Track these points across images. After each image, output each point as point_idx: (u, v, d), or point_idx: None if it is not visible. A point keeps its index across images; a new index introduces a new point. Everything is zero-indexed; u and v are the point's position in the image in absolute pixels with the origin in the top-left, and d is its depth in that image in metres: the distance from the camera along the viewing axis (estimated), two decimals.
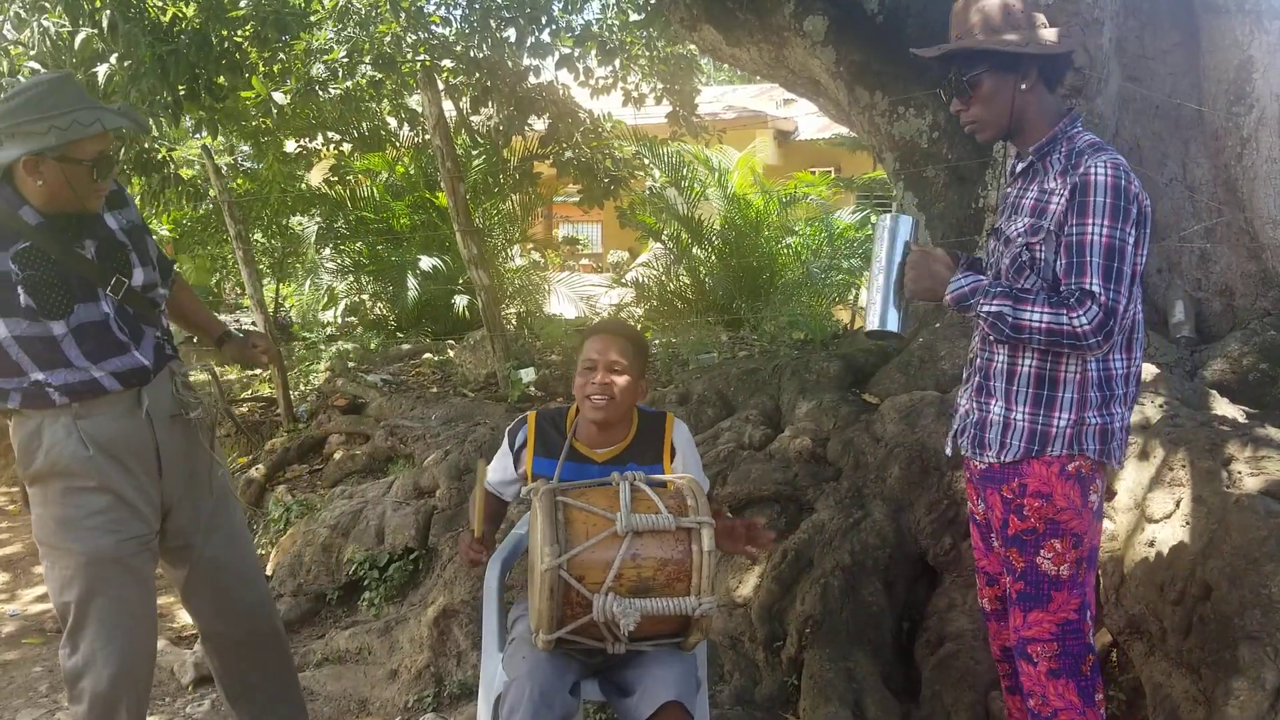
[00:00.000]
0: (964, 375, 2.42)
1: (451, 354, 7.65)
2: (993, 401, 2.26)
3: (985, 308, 2.13)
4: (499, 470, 2.61)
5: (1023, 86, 2.20)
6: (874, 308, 2.32)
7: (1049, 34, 2.20)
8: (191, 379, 2.74)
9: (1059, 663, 2.24)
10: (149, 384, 2.52)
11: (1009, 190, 2.35)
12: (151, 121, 6.69)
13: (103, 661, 2.49)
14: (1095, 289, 2.03)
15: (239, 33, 6.64)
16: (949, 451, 2.46)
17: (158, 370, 2.55)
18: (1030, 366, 2.19)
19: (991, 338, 2.22)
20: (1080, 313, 2.02)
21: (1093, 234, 2.05)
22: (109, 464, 2.46)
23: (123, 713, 2.52)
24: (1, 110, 2.33)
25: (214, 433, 2.74)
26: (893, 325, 2.31)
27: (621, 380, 2.46)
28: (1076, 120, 2.25)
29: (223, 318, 8.47)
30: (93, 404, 2.43)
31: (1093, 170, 2.08)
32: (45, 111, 2.28)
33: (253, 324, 6.97)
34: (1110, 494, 3.16)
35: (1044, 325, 2.05)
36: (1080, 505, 2.21)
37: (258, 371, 7.54)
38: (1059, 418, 2.18)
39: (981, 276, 2.19)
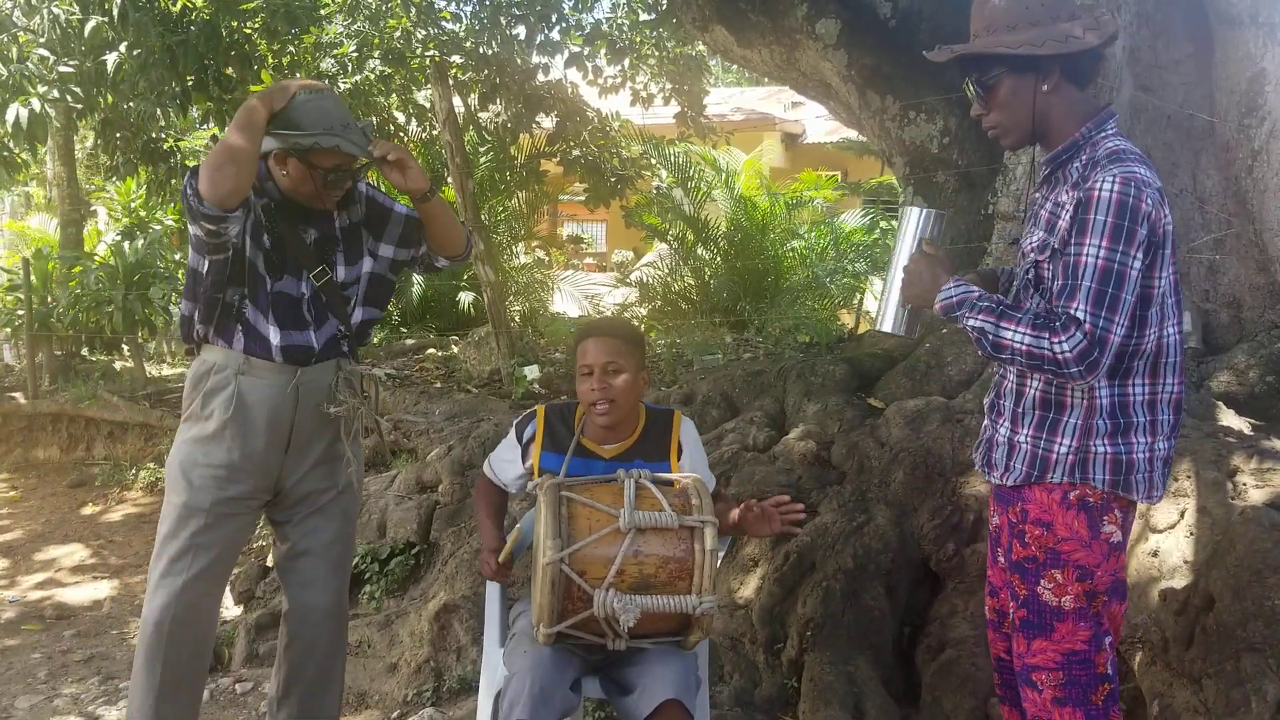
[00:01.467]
0: (989, 389, 2.36)
1: (455, 350, 7.65)
2: (1001, 420, 2.19)
3: (970, 321, 2.02)
4: (504, 460, 2.61)
5: (1044, 88, 2.05)
6: (884, 305, 2.24)
7: (1072, 28, 2.02)
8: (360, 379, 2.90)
9: (1064, 691, 2.12)
10: (309, 366, 2.71)
11: (1035, 196, 2.22)
12: (159, 111, 6.69)
13: (163, 595, 2.66)
14: (1081, 315, 1.90)
15: (249, 24, 6.65)
16: (976, 466, 2.37)
17: (322, 358, 2.74)
18: (1037, 388, 2.09)
19: (991, 358, 2.16)
20: (1063, 339, 1.90)
21: (1088, 256, 1.91)
22: (245, 423, 2.66)
23: (170, 650, 2.66)
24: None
25: (357, 434, 2.87)
26: (891, 326, 2.23)
27: (619, 381, 2.46)
28: (1105, 123, 2.08)
29: None
30: (258, 365, 2.67)
31: (1098, 186, 1.93)
32: (301, 120, 2.57)
33: None
34: None
35: (1024, 347, 1.94)
36: (1087, 537, 2.06)
37: None
38: (1060, 443, 2.06)
39: (974, 288, 2.07)
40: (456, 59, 8.46)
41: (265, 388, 2.67)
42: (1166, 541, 2.94)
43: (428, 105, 8.75)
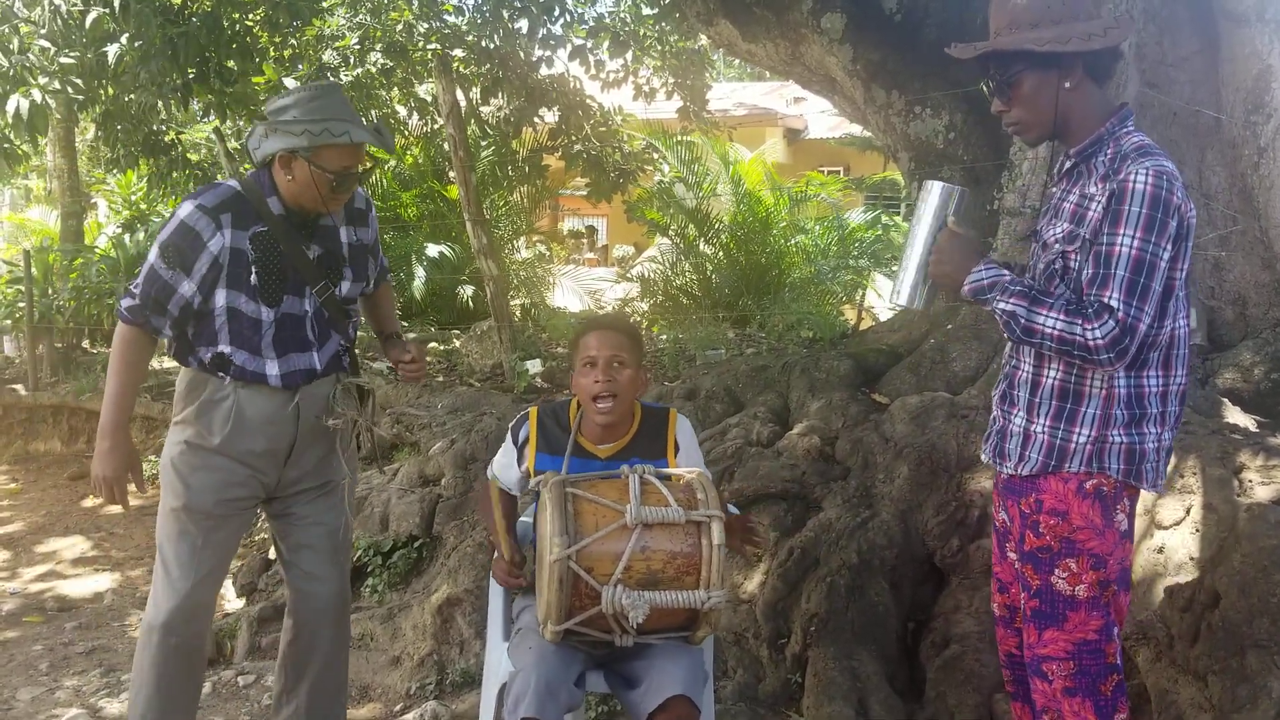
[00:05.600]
0: (998, 380, 2.36)
1: (458, 344, 7.64)
2: (1015, 411, 2.19)
3: (1001, 304, 2.03)
4: (505, 465, 2.60)
5: (1066, 85, 2.06)
6: (900, 278, 2.22)
7: (1093, 26, 2.07)
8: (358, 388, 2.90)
9: (1075, 681, 2.14)
10: (309, 385, 2.70)
11: (1053, 190, 2.24)
12: (160, 103, 6.68)
13: (165, 597, 2.66)
14: (1115, 303, 1.93)
15: (250, 17, 6.63)
16: (983, 458, 2.37)
17: (324, 375, 2.73)
18: (1055, 378, 2.11)
19: (1018, 342, 2.15)
20: (1095, 325, 1.93)
21: (1122, 246, 1.94)
22: (242, 436, 2.63)
23: (172, 651, 2.67)
24: (272, 107, 2.60)
25: (353, 444, 2.90)
26: (907, 300, 2.22)
27: (623, 375, 2.43)
28: (1127, 119, 2.10)
29: None
30: (255, 386, 2.64)
31: (1132, 178, 1.97)
32: (305, 115, 2.52)
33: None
34: None
35: (1056, 333, 1.96)
36: (1101, 525, 2.09)
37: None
38: (1079, 433, 2.08)
39: (1005, 271, 2.09)
40: (458, 52, 8.45)
41: (265, 404, 2.64)
42: (1172, 538, 2.93)
43: (429, 99, 8.74)
